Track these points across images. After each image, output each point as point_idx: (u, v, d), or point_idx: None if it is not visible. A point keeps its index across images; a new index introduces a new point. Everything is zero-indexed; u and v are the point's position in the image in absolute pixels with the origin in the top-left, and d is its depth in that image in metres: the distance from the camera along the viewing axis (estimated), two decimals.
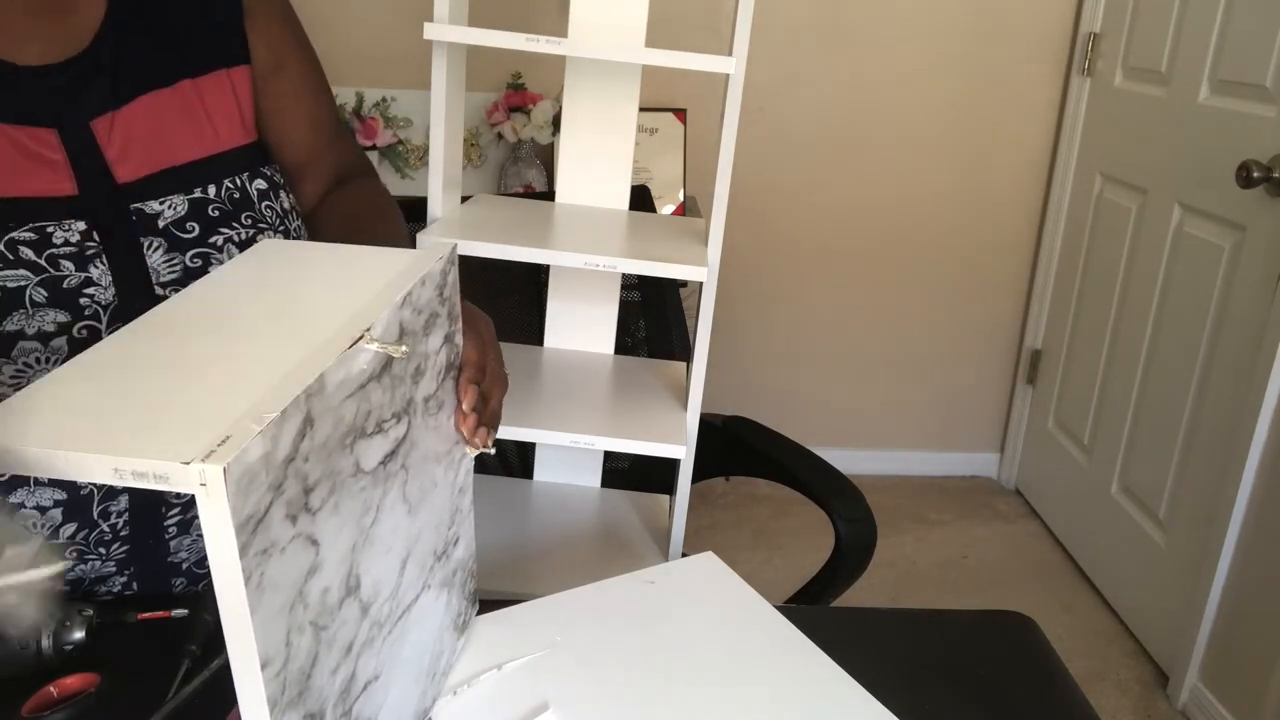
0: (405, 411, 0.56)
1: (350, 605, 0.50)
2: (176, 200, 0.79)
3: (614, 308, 1.06)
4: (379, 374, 0.51)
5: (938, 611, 0.83)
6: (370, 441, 0.51)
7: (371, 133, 2.17)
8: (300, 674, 0.45)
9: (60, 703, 0.64)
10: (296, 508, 0.43)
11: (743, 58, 0.83)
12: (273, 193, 0.86)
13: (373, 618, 0.53)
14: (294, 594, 0.43)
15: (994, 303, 2.59)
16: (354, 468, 0.49)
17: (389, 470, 0.54)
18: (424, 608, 0.62)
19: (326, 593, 0.47)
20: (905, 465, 2.71)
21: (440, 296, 0.60)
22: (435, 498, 0.62)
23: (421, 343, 0.58)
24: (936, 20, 2.33)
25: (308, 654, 0.45)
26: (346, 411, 0.47)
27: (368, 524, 0.52)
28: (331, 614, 0.48)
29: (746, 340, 2.56)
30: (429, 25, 0.84)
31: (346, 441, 0.48)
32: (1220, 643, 1.78)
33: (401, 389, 0.55)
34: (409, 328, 0.55)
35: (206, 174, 0.81)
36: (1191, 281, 1.90)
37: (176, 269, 0.79)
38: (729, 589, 0.77)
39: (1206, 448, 1.83)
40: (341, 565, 0.49)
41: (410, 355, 0.56)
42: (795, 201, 2.45)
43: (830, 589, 1.13)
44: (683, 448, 0.90)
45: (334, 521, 0.47)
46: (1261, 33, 1.71)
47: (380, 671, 0.55)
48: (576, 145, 1.01)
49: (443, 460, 0.63)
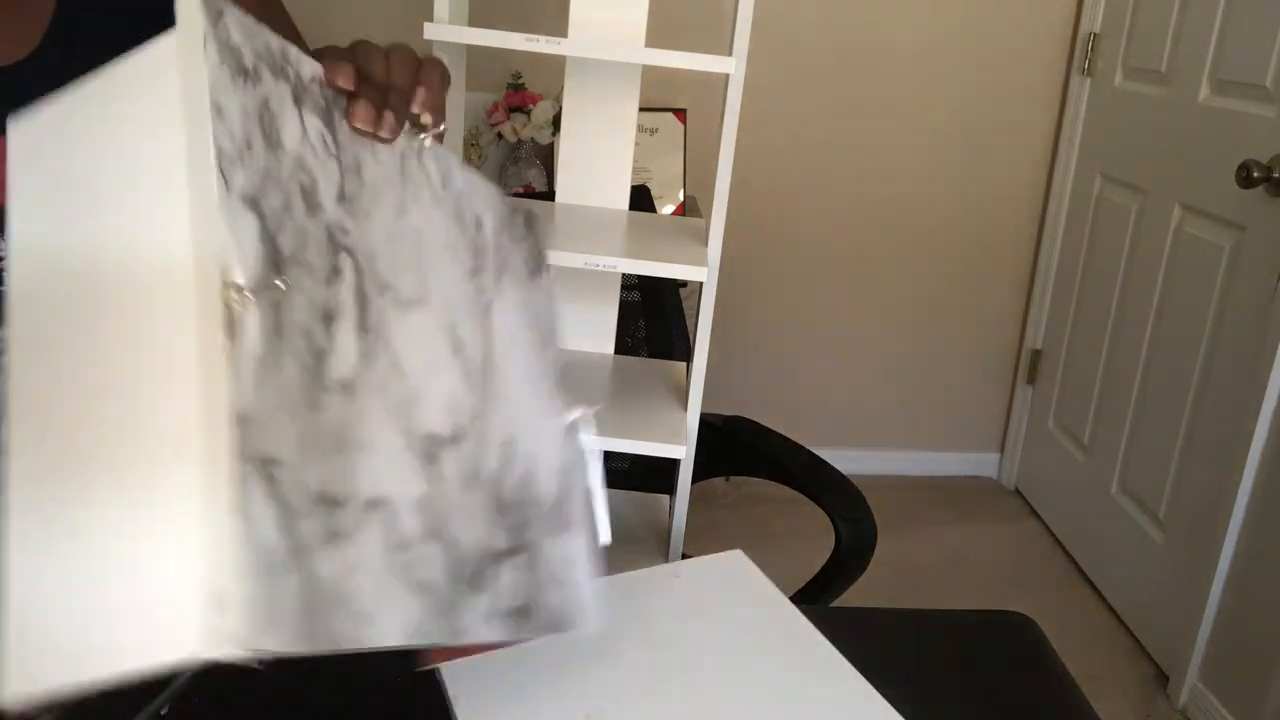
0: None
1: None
2: None
3: (614, 308, 1.06)
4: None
5: (938, 611, 0.83)
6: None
7: None
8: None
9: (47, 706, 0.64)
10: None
11: (743, 58, 0.83)
12: None
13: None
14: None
15: (994, 302, 2.59)
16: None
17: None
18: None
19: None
20: (905, 465, 2.71)
21: (239, 48, 0.45)
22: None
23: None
24: (936, 20, 2.33)
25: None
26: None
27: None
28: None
29: (746, 340, 2.56)
30: (429, 25, 0.84)
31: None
32: (1220, 643, 1.78)
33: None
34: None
35: None
36: (1191, 281, 1.90)
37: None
38: (754, 588, 0.77)
39: (1206, 448, 1.83)
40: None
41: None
42: (795, 201, 2.45)
43: (830, 589, 1.13)
44: (683, 448, 0.90)
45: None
46: (1261, 33, 1.71)
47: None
48: (576, 145, 1.01)
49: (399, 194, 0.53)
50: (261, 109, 0.43)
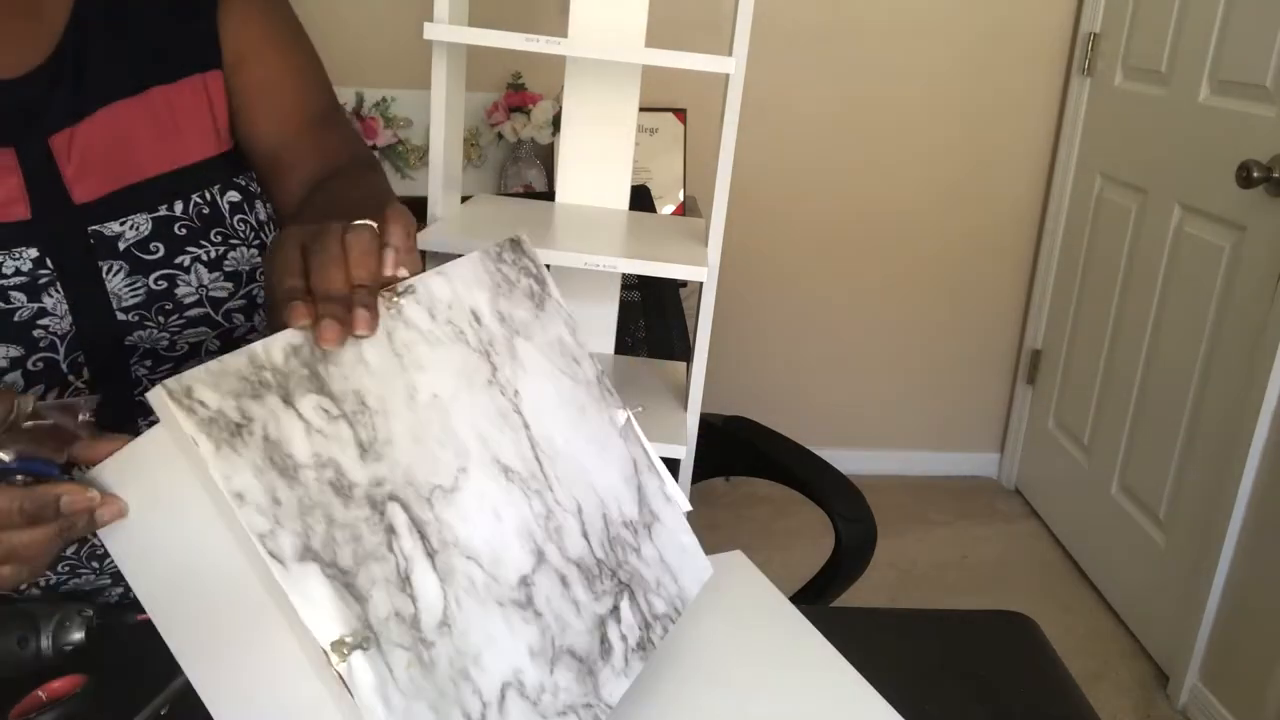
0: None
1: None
2: (139, 220, 0.73)
3: (614, 308, 1.06)
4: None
5: (938, 611, 0.83)
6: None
7: (371, 133, 2.17)
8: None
9: (47, 706, 0.64)
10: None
11: (742, 58, 0.83)
12: (247, 204, 0.80)
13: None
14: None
15: (994, 303, 2.59)
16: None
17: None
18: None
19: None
20: (905, 465, 2.71)
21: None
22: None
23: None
24: (936, 20, 2.32)
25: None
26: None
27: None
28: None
29: (746, 340, 2.56)
30: (428, 25, 0.84)
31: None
32: (1220, 643, 1.78)
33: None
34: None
35: (173, 189, 0.75)
36: (1191, 281, 1.90)
37: (139, 293, 0.73)
38: (754, 588, 0.77)
39: (1206, 448, 1.83)
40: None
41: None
42: (795, 201, 2.45)
43: (830, 589, 1.13)
44: (683, 448, 0.90)
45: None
46: (1261, 33, 1.71)
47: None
48: (576, 145, 1.00)
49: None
50: (268, 452, 0.45)
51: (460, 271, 0.60)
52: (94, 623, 0.68)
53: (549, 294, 0.66)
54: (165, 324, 0.75)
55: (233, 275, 0.78)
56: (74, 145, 0.72)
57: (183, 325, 0.76)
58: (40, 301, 0.70)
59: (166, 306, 0.75)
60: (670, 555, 0.65)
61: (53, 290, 0.70)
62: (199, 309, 0.76)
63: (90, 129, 0.72)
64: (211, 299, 0.77)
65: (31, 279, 0.70)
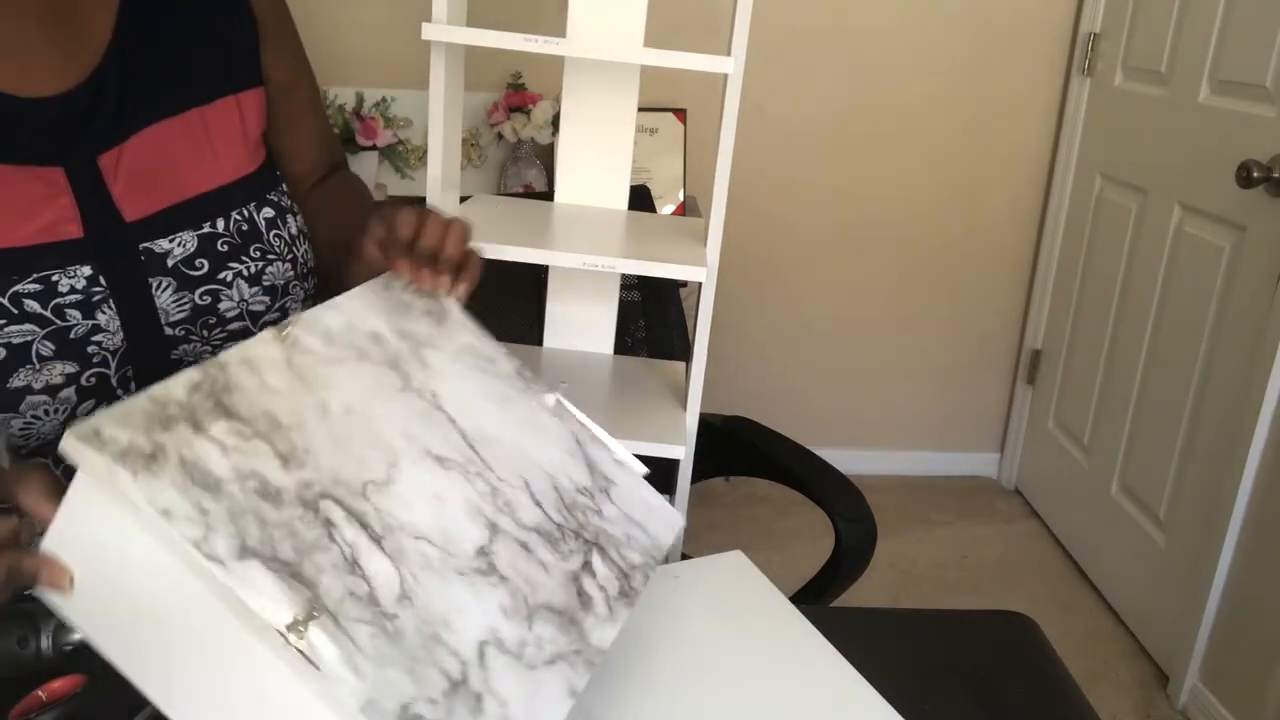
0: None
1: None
2: (186, 237, 0.76)
3: (614, 308, 1.06)
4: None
5: (938, 611, 0.83)
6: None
7: (371, 133, 2.17)
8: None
9: (47, 706, 0.64)
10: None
11: (741, 58, 0.83)
12: (280, 219, 0.83)
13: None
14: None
15: (994, 303, 2.59)
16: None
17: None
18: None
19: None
20: (905, 465, 2.71)
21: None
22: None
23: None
24: (936, 20, 2.32)
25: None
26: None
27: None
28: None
29: (746, 340, 2.56)
30: (427, 25, 0.84)
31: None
32: (1220, 643, 1.78)
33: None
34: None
35: (214, 207, 0.78)
36: (1191, 281, 1.90)
37: (185, 308, 0.76)
38: (754, 589, 0.77)
39: (1206, 448, 1.83)
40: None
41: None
42: (795, 201, 2.45)
43: (830, 589, 1.13)
44: (682, 448, 0.90)
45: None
46: (1261, 33, 1.71)
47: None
48: (576, 145, 1.00)
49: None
50: (186, 471, 0.47)
51: (352, 303, 0.66)
52: None
53: (449, 311, 0.71)
54: (209, 337, 0.78)
55: (270, 289, 0.81)
56: (121, 164, 0.74)
57: (224, 339, 0.79)
58: (94, 319, 0.72)
59: (210, 321, 0.77)
60: (636, 512, 0.68)
61: (105, 307, 0.72)
62: (239, 322, 0.79)
63: (136, 148, 0.74)
64: (251, 312, 0.80)
65: (86, 296, 0.71)
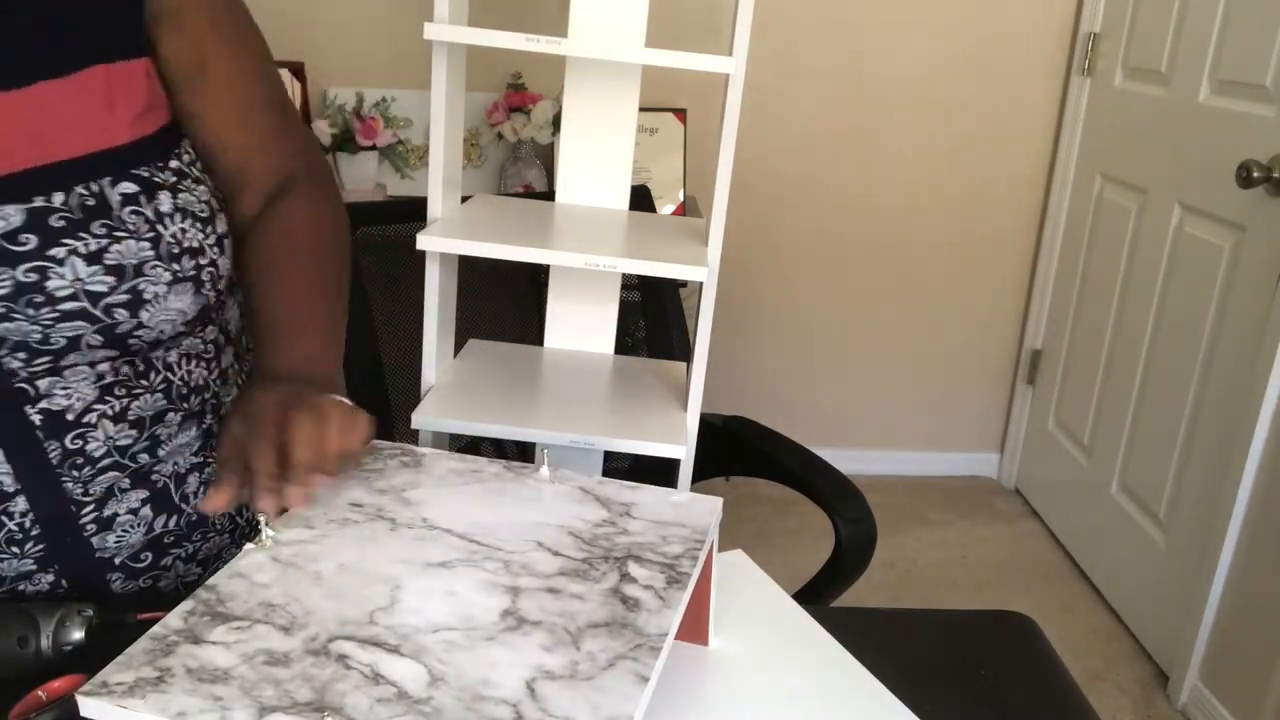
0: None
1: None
2: (8, 211, 0.71)
3: (614, 308, 1.06)
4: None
5: (938, 611, 0.83)
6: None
7: (371, 133, 2.17)
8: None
9: (47, 706, 0.64)
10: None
11: (743, 58, 0.83)
12: (145, 195, 0.77)
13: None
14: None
15: (994, 302, 2.59)
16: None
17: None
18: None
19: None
20: (905, 465, 2.71)
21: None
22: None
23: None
24: (936, 20, 2.33)
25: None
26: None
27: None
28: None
29: (746, 340, 2.56)
30: (429, 25, 0.84)
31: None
32: (1220, 643, 1.78)
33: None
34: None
35: (50, 181, 0.73)
36: (1191, 281, 1.90)
37: (6, 285, 0.71)
38: (756, 587, 0.77)
39: (1206, 448, 1.83)
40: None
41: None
42: (795, 202, 2.45)
43: (830, 589, 1.13)
44: (683, 448, 0.90)
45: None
46: (1261, 33, 1.71)
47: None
48: (576, 145, 1.00)
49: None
50: (195, 677, 0.50)
51: (322, 490, 0.68)
52: (94, 622, 0.68)
53: (421, 457, 0.74)
54: (36, 316, 0.73)
55: (115, 269, 0.75)
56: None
57: (56, 318, 0.74)
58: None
59: (37, 300, 0.73)
60: (665, 515, 0.68)
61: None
62: (74, 303, 0.74)
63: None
64: (89, 292, 0.74)
65: None
